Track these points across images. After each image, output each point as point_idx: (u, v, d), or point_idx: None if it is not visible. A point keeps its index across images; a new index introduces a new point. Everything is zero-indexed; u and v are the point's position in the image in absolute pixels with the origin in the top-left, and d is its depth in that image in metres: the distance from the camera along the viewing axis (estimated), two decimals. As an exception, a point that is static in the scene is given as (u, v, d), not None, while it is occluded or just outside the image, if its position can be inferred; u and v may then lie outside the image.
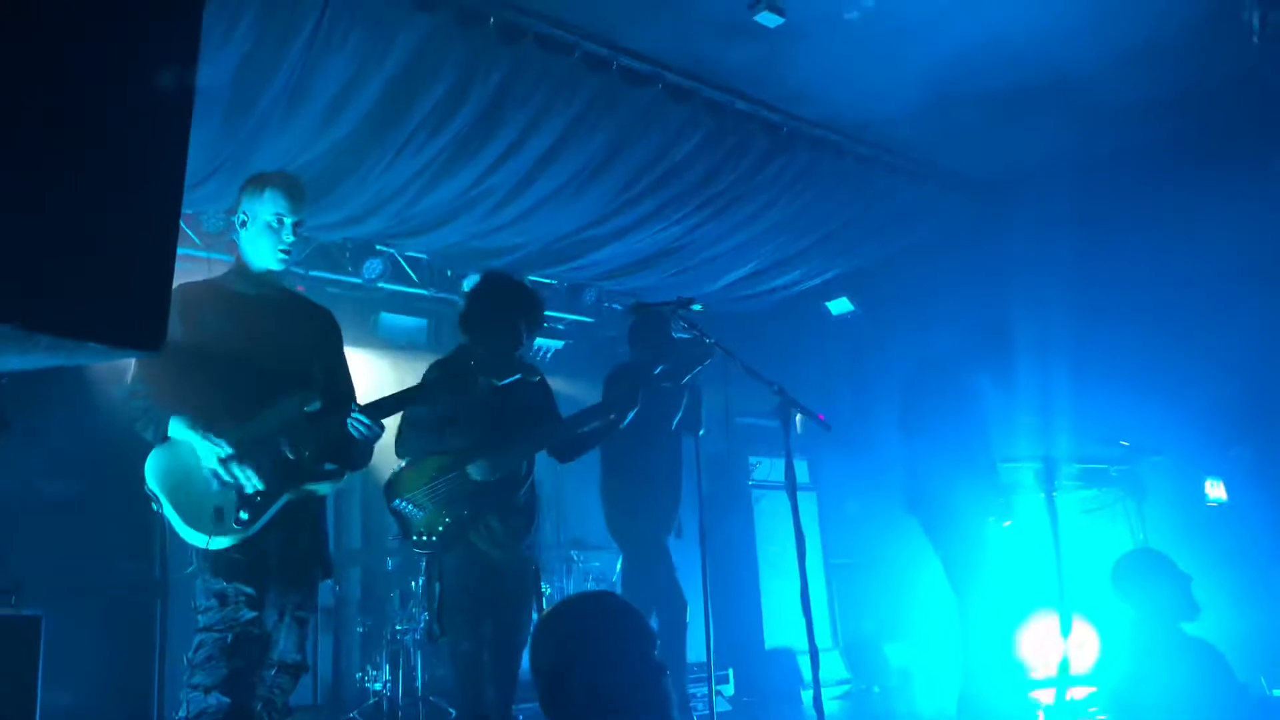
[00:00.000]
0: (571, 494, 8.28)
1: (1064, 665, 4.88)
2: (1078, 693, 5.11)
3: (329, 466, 3.29)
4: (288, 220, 3.33)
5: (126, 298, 1.05)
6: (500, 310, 4.22)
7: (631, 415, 4.27)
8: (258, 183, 3.38)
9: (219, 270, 3.64)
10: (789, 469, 3.95)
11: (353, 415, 3.32)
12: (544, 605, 4.64)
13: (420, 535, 3.85)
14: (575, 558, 7.47)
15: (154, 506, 3.06)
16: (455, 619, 3.93)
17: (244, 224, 3.36)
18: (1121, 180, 6.41)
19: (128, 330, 1.05)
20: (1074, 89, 5.76)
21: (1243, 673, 4.56)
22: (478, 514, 4.03)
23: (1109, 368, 5.59)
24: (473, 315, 4.29)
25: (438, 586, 3.91)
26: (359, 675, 6.26)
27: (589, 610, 2.26)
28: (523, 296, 4.32)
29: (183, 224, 6.19)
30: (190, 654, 3.00)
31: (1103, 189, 6.41)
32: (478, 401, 3.92)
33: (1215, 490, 5.97)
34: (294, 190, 3.38)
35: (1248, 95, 5.64)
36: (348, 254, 7.00)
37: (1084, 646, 5.38)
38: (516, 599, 4.16)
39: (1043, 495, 5.00)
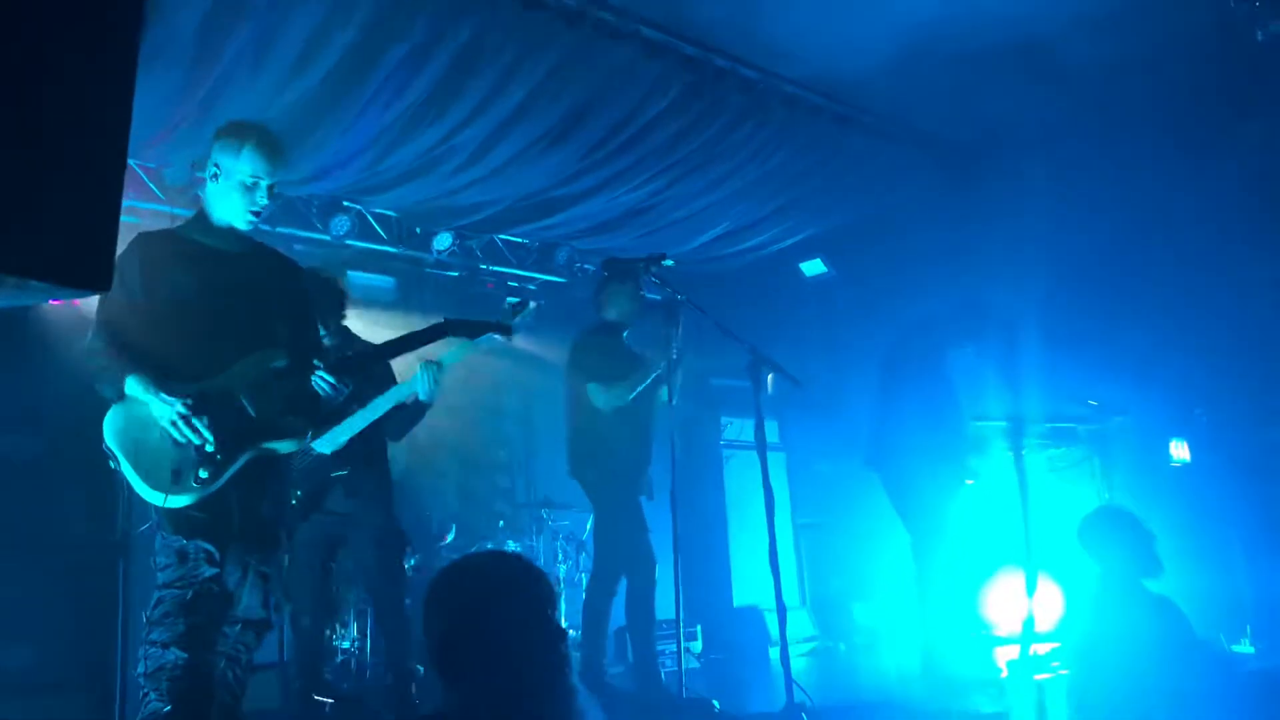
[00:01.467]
0: (542, 454, 8.28)
1: (1029, 622, 4.95)
2: (1041, 649, 5.18)
3: (292, 424, 3.24)
4: (263, 183, 3.22)
5: (70, 237, 1.01)
6: None
7: None
8: (235, 136, 3.24)
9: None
10: (759, 428, 3.96)
11: (318, 373, 3.28)
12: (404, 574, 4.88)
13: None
14: (545, 517, 7.47)
15: (111, 464, 3.01)
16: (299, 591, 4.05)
17: (215, 177, 3.24)
18: (1094, 142, 6.41)
19: (73, 269, 1.01)
20: (1047, 50, 5.72)
21: (1203, 629, 4.65)
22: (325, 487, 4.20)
23: (1079, 329, 5.62)
24: None
25: (285, 558, 3.93)
26: (327, 633, 6.25)
27: (485, 571, 2.17)
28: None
29: (145, 177, 6.09)
30: (149, 611, 2.97)
31: (1076, 152, 6.40)
32: None
33: (1179, 451, 6.05)
34: (274, 151, 3.26)
35: (1220, 55, 5.63)
36: (315, 210, 6.90)
37: (1049, 603, 5.45)
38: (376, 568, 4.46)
39: (1011, 453, 5.04)
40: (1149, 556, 4.11)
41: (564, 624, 2.11)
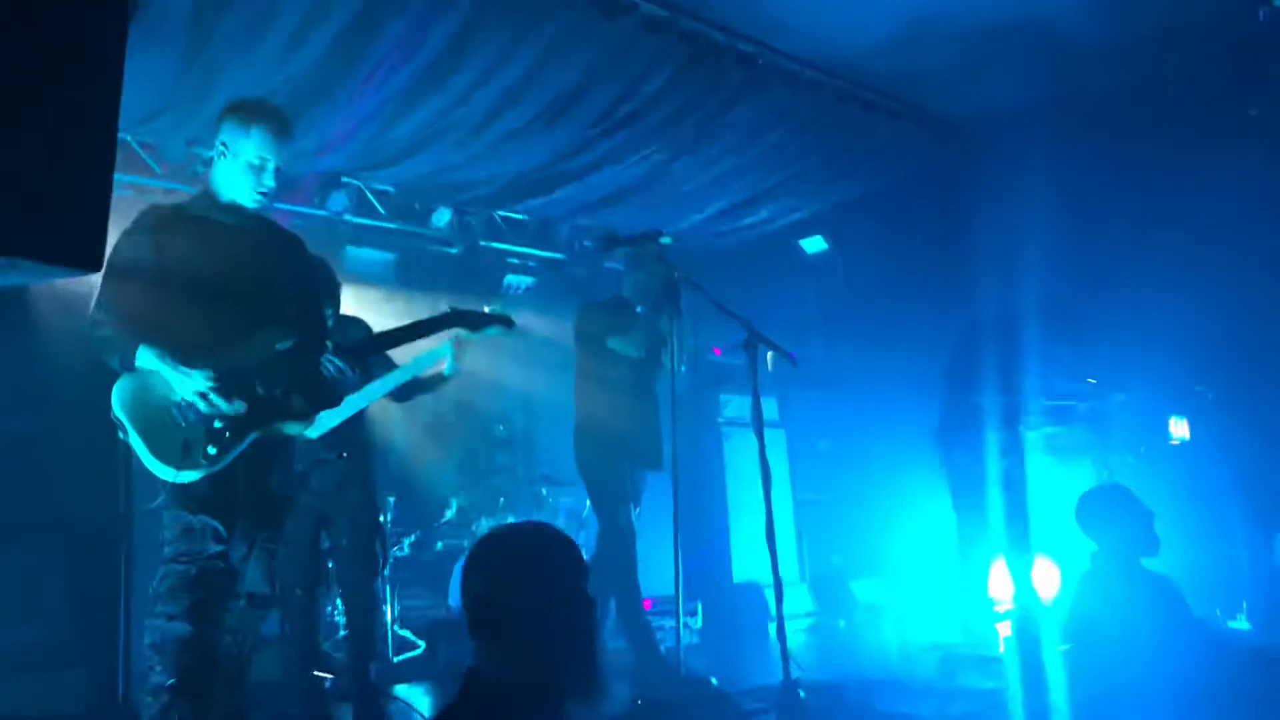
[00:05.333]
0: (543, 430, 8.29)
1: (1028, 599, 4.97)
2: (1040, 626, 5.20)
3: (299, 406, 3.24)
4: (271, 164, 3.21)
5: (61, 217, 1.01)
6: None
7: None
8: (245, 116, 3.23)
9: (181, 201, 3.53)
10: (755, 404, 3.96)
11: (326, 355, 3.29)
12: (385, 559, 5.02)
13: None
14: (545, 494, 7.49)
15: (120, 435, 3.00)
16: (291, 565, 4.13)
17: (222, 155, 3.23)
18: (1094, 121, 6.38)
19: (64, 249, 1.01)
20: (1048, 28, 5.69)
21: (1200, 606, 4.67)
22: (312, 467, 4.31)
23: (1078, 306, 5.61)
24: None
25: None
26: (330, 609, 6.28)
27: (523, 538, 2.29)
28: None
29: (143, 153, 6.06)
30: (155, 584, 2.99)
31: (1076, 130, 6.37)
32: None
33: (1179, 429, 6.05)
34: (283, 132, 3.26)
35: (1224, 36, 5.60)
36: (313, 186, 6.87)
37: (1047, 581, 5.47)
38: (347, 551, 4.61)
39: (1009, 431, 5.05)
40: (1147, 535, 4.13)
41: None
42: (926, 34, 5.72)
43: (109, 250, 3.00)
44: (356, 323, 4.91)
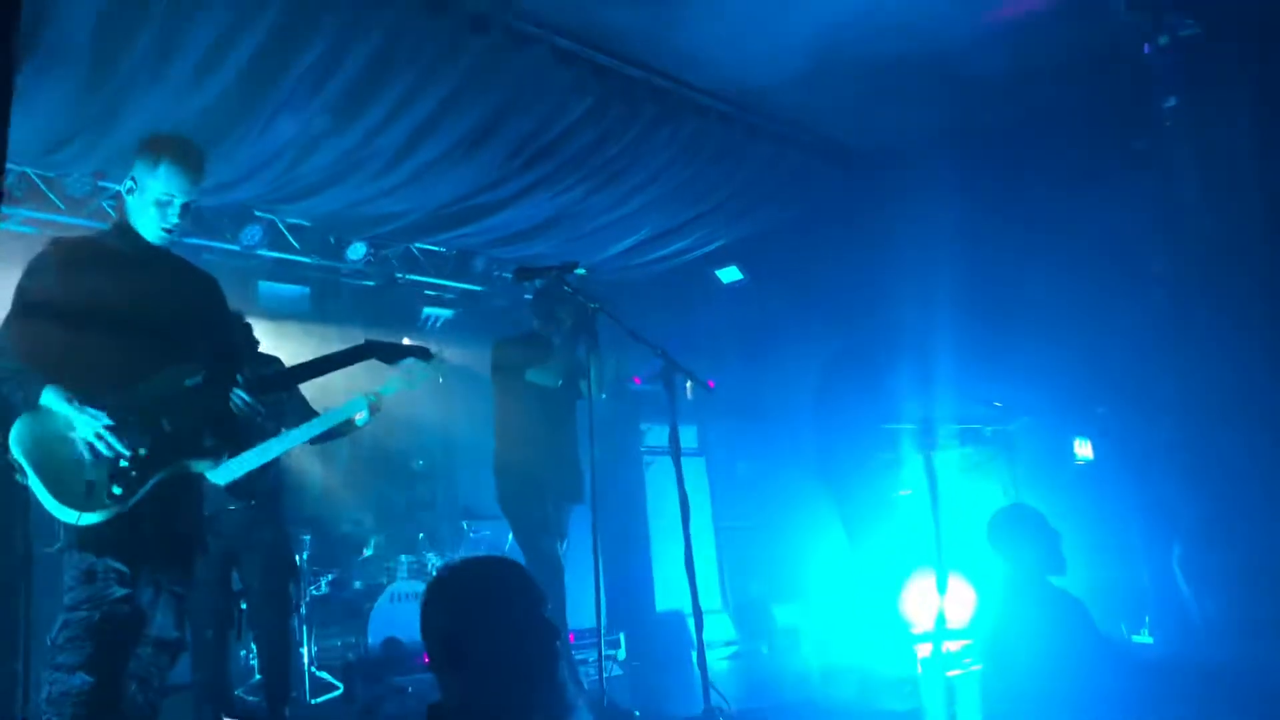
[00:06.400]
0: (462, 464, 8.21)
1: (940, 619, 5.06)
2: (953, 645, 5.30)
3: (208, 443, 3.18)
4: (178, 200, 3.16)
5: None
6: None
7: None
8: (154, 151, 3.17)
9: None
10: (674, 433, 3.98)
11: (234, 390, 3.23)
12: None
13: None
14: (466, 528, 7.42)
15: (19, 478, 2.91)
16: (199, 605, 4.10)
17: (131, 191, 3.18)
18: (993, 152, 6.60)
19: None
20: (948, 63, 5.89)
21: (1106, 622, 4.81)
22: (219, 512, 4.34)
23: (983, 331, 5.77)
24: None
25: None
26: (244, 653, 6.12)
27: (483, 573, 2.29)
28: None
29: (45, 188, 5.90)
30: (54, 633, 2.88)
31: (975, 161, 6.59)
32: None
33: (1083, 449, 6.23)
34: (192, 169, 3.19)
35: (1115, 69, 5.85)
36: (225, 220, 6.75)
37: (961, 600, 5.58)
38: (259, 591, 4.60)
39: (921, 456, 5.16)
40: (1054, 554, 4.23)
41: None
42: (832, 68, 5.87)
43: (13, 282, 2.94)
44: (270, 361, 4.83)
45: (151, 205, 3.15)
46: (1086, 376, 6.12)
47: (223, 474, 3.99)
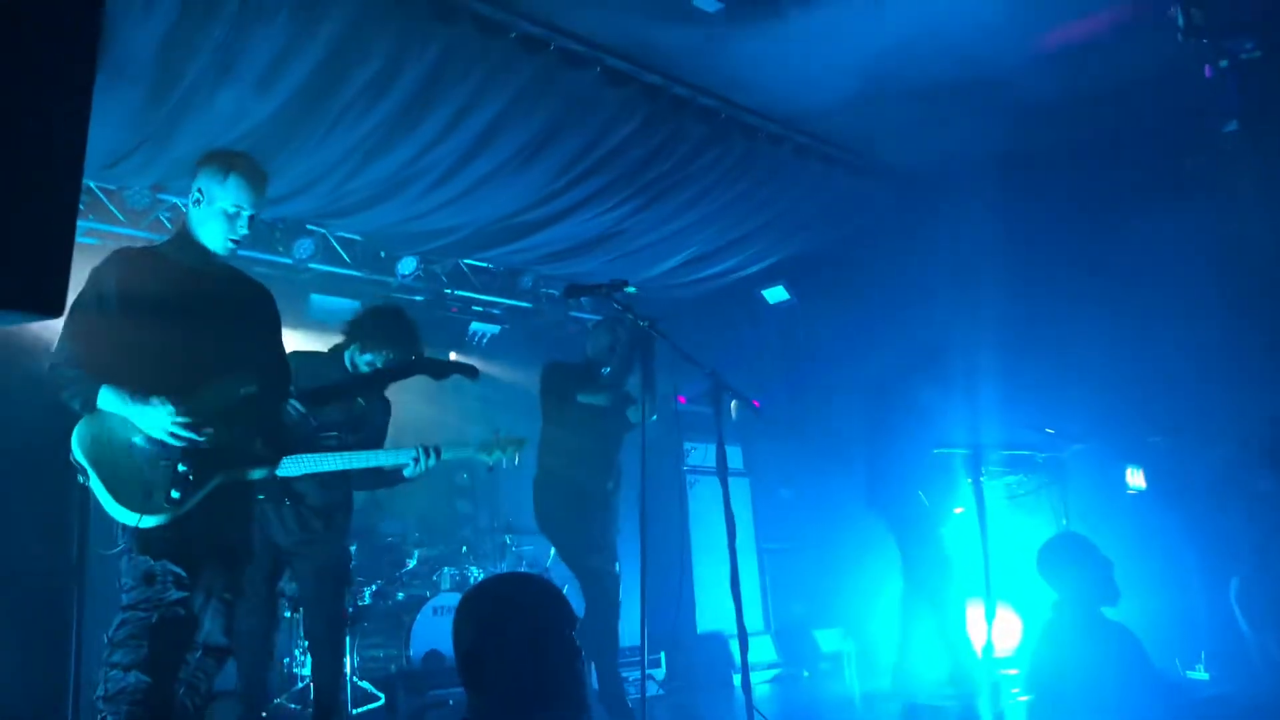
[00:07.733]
0: (505, 479, 8.23)
1: (988, 648, 4.98)
2: (1001, 675, 5.22)
3: (261, 451, 3.24)
4: (245, 212, 3.24)
5: (24, 263, 1.01)
6: None
7: None
8: (222, 164, 3.25)
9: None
10: (720, 452, 3.96)
11: (290, 400, 3.28)
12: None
13: None
14: (509, 542, 7.43)
15: (80, 479, 2.97)
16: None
17: (198, 202, 3.25)
18: (1046, 175, 6.54)
19: (26, 295, 1.01)
20: (1000, 87, 5.85)
21: (1159, 656, 4.70)
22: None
23: (1035, 357, 5.70)
24: None
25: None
26: (286, 661, 6.16)
27: (510, 591, 2.30)
28: None
29: (106, 200, 6.03)
30: (111, 632, 2.93)
31: (1028, 184, 6.53)
32: None
33: (1135, 478, 6.12)
34: (259, 182, 3.29)
35: (1170, 93, 5.77)
36: (278, 233, 6.85)
37: (1008, 630, 5.49)
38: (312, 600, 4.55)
39: (970, 481, 5.09)
40: (1106, 584, 4.15)
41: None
42: (882, 92, 5.86)
43: (74, 291, 3.00)
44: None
45: (219, 216, 3.22)
46: (1139, 404, 6.02)
47: (288, 466, 4.02)
